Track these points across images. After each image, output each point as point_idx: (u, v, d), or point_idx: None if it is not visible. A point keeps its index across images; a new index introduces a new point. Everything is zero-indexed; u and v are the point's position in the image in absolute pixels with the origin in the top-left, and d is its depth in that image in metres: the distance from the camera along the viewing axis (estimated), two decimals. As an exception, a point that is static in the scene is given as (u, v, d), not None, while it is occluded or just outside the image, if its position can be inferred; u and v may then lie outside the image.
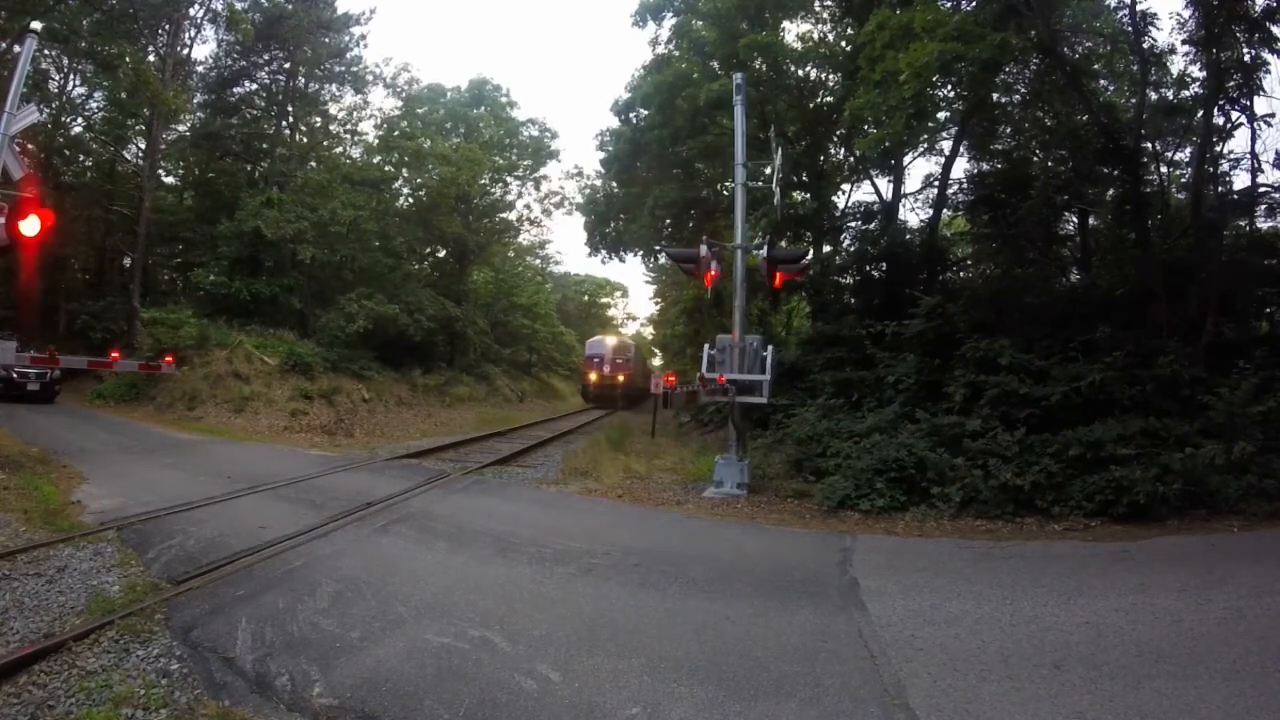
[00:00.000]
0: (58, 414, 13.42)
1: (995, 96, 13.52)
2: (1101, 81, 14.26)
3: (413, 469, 9.67)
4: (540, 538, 5.89)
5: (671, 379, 21.26)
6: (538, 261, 41.71)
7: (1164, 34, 19.17)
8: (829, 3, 17.77)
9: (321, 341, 18.96)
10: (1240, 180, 11.73)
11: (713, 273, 9.07)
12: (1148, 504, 6.57)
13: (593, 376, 30.67)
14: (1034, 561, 5.50)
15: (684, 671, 3.39)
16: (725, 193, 20.34)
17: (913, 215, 18.38)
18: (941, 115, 14.69)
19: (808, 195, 18.64)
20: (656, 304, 47.20)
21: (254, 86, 23.59)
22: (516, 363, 36.65)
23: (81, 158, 22.34)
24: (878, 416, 9.47)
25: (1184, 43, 11.32)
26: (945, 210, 16.76)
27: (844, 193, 20.38)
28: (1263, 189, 11.08)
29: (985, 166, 15.34)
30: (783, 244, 16.16)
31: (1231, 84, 10.50)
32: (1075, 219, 14.17)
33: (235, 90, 23.21)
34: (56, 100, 19.79)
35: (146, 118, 20.07)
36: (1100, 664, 3.48)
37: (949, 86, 12.66)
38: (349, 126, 26.07)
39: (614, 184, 25.47)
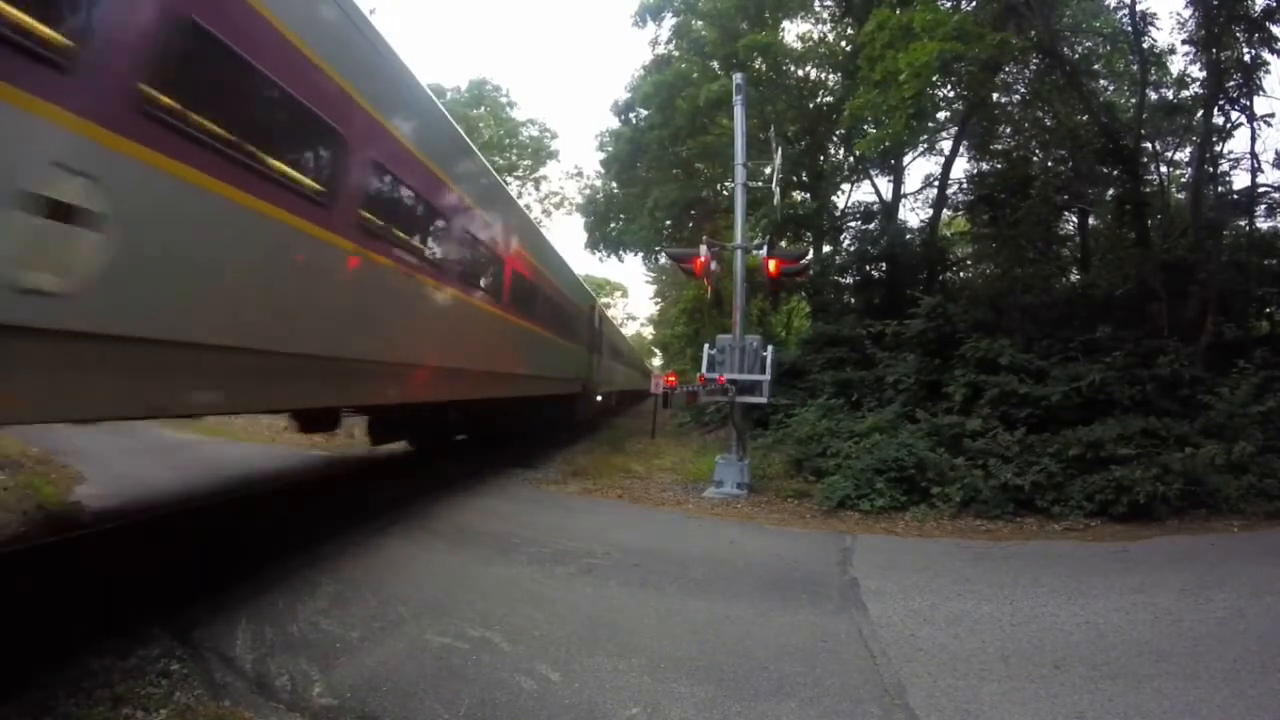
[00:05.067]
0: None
1: (995, 96, 13.56)
2: (1101, 81, 14.31)
3: (413, 469, 9.65)
4: (540, 537, 5.89)
5: (672, 379, 21.28)
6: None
7: (1164, 34, 19.19)
8: (829, 3, 17.81)
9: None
10: (1240, 180, 11.76)
11: (714, 269, 9.07)
12: (1148, 504, 6.57)
13: None
14: (1034, 561, 5.50)
15: (684, 671, 3.38)
16: (725, 193, 20.39)
17: (913, 215, 18.44)
18: (941, 115, 14.74)
19: (808, 195, 18.68)
20: (656, 304, 47.29)
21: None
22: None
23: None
24: (878, 416, 9.48)
25: (1184, 43, 11.37)
26: (945, 210, 16.80)
27: (844, 193, 20.43)
28: (1263, 189, 11.11)
29: (985, 166, 15.39)
30: (783, 244, 16.20)
31: (1231, 84, 10.52)
32: (1075, 219, 14.21)
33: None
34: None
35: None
36: (1100, 664, 3.48)
37: (949, 86, 12.70)
38: (349, 126, 26.04)
39: (614, 184, 25.50)
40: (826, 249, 19.10)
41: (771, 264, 9.16)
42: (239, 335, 3.55)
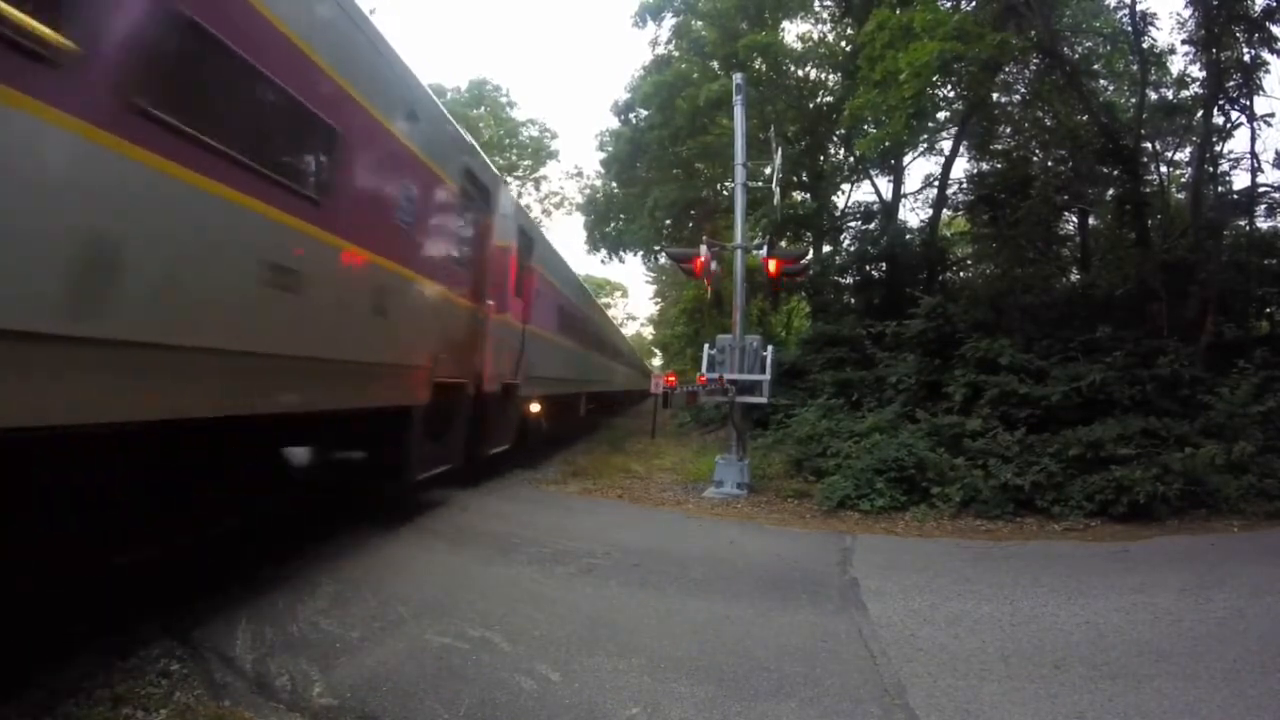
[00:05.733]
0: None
1: (995, 96, 13.58)
2: (1101, 81, 14.32)
3: (413, 469, 9.64)
4: (540, 537, 5.89)
5: (672, 379, 21.31)
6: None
7: (1164, 34, 19.21)
8: (829, 3, 17.84)
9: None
10: (1240, 180, 11.78)
11: (713, 269, 9.08)
12: (1148, 504, 6.58)
13: None
14: (1034, 561, 5.50)
15: (684, 671, 3.38)
16: (725, 193, 20.40)
17: (913, 215, 18.48)
18: (941, 115, 14.77)
19: (808, 195, 18.69)
20: (656, 304, 47.36)
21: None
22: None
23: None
24: (878, 416, 9.48)
25: (1184, 43, 11.39)
26: (945, 210, 16.82)
27: (844, 193, 20.47)
28: (1263, 189, 11.13)
29: (985, 166, 15.41)
30: (783, 244, 16.21)
31: (1231, 84, 10.54)
32: (1075, 219, 14.22)
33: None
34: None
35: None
36: (1100, 664, 3.48)
37: (949, 86, 12.71)
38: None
39: (614, 184, 25.53)
40: (826, 249, 19.13)
41: (772, 264, 9.18)
42: None
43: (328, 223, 4.19)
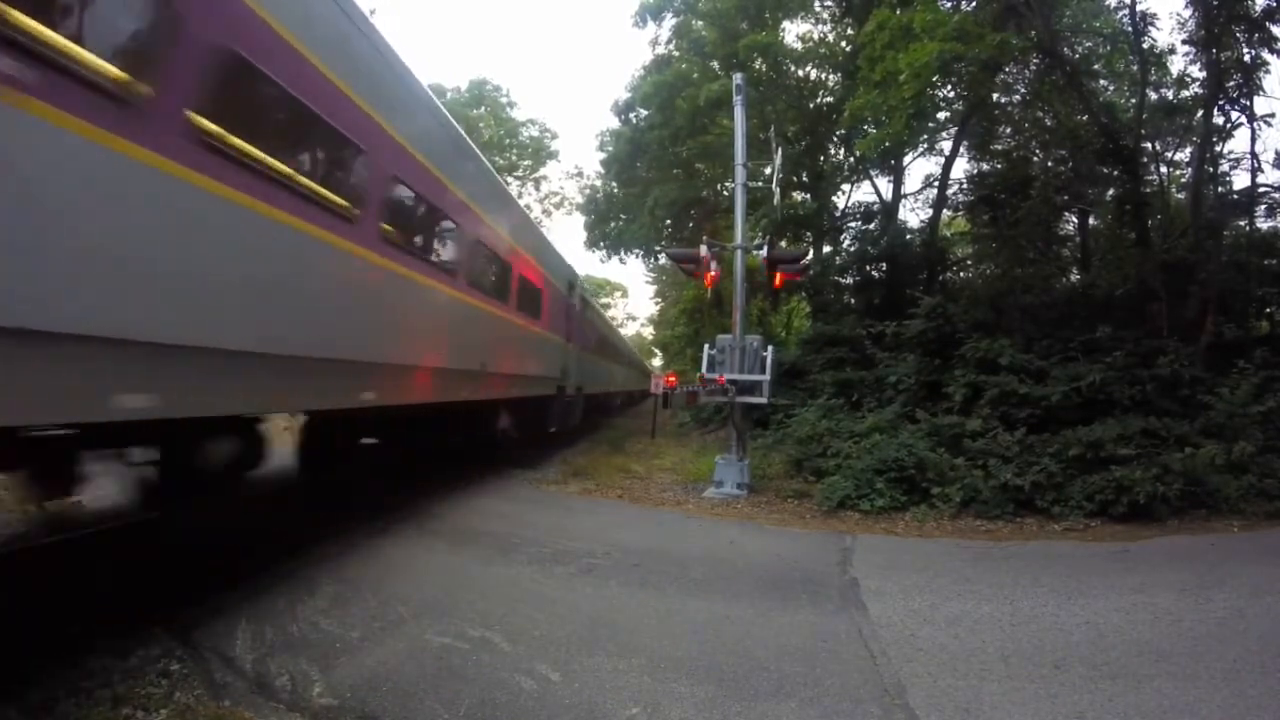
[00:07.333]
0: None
1: (995, 96, 13.57)
2: (1101, 81, 14.32)
3: (413, 469, 9.63)
4: (540, 537, 5.89)
5: (672, 379, 21.30)
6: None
7: (1164, 34, 19.21)
8: (829, 3, 17.83)
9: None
10: (1240, 180, 11.77)
11: (713, 273, 9.07)
12: (1148, 504, 6.58)
13: None
14: (1034, 561, 5.50)
15: (684, 671, 3.39)
16: (725, 193, 20.41)
17: (913, 215, 18.48)
18: (941, 115, 14.76)
19: (808, 195, 18.68)
20: (656, 304, 47.31)
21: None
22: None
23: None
24: (878, 416, 9.48)
25: (1184, 43, 11.40)
26: (945, 210, 16.81)
27: (844, 193, 20.46)
28: (1263, 189, 11.13)
29: (985, 166, 15.40)
30: (783, 244, 16.23)
31: (1231, 84, 10.53)
32: (1075, 219, 14.22)
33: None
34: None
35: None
36: (1100, 664, 3.48)
37: (949, 86, 12.71)
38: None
39: (614, 184, 25.50)
40: (826, 249, 19.12)
41: (777, 277, 9.22)
42: None
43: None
